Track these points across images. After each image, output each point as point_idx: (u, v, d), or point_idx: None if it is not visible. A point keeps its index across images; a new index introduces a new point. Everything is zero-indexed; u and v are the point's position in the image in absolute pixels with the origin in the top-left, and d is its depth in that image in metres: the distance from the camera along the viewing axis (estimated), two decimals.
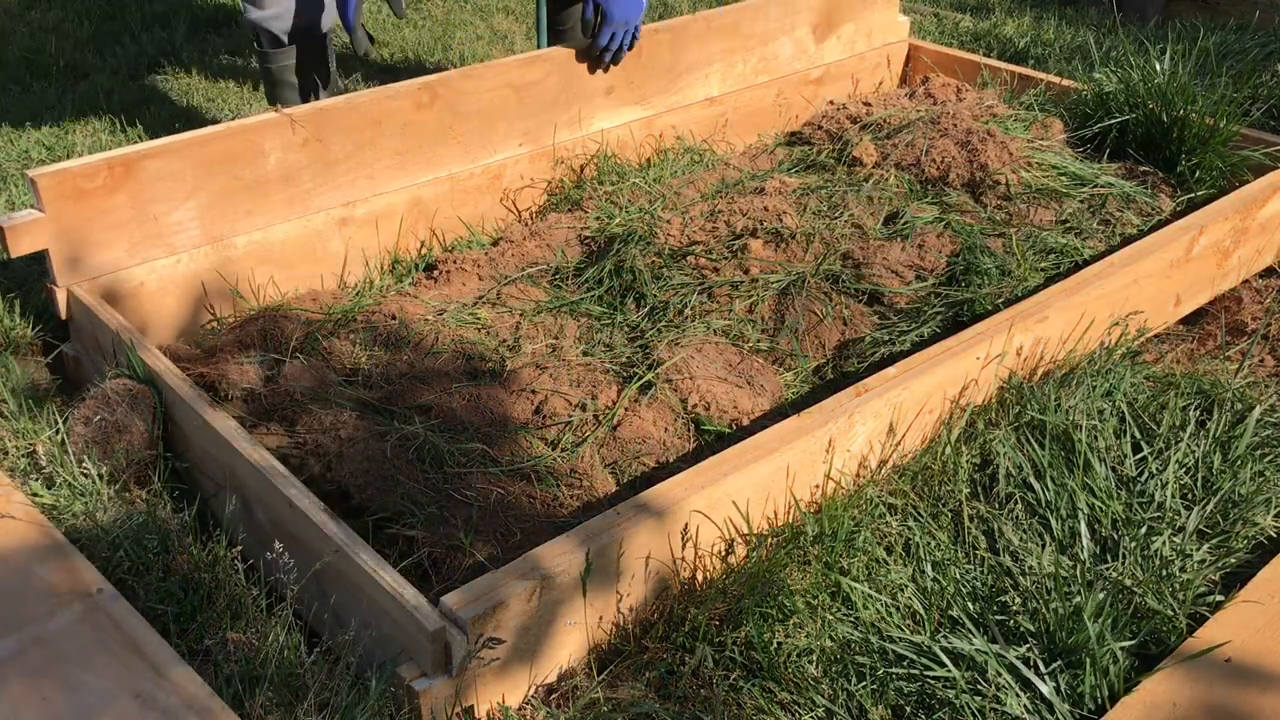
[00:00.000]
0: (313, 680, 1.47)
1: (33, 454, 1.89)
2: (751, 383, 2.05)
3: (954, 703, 1.49)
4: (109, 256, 2.06)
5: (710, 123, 2.90)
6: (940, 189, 2.59)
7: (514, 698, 1.50)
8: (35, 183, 1.94)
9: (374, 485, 1.75)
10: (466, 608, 1.40)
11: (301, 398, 1.91)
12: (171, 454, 1.86)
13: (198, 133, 2.12)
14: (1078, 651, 1.53)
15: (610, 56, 2.62)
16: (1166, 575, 1.69)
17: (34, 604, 1.52)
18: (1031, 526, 1.79)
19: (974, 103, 2.91)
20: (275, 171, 2.21)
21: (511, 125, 2.53)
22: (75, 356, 2.12)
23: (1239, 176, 2.64)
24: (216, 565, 1.62)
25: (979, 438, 1.93)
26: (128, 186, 2.04)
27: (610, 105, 2.69)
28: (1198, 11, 4.18)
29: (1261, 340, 2.38)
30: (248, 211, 2.20)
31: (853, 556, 1.70)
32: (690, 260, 2.29)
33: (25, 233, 1.96)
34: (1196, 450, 1.93)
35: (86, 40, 3.75)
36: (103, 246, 2.05)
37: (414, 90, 2.35)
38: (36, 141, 3.03)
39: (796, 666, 1.55)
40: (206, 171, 2.12)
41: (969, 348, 1.92)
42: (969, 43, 3.93)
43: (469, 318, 2.19)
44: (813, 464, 1.74)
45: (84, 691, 1.40)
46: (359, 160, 2.32)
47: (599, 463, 1.87)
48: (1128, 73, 2.83)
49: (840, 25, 3.10)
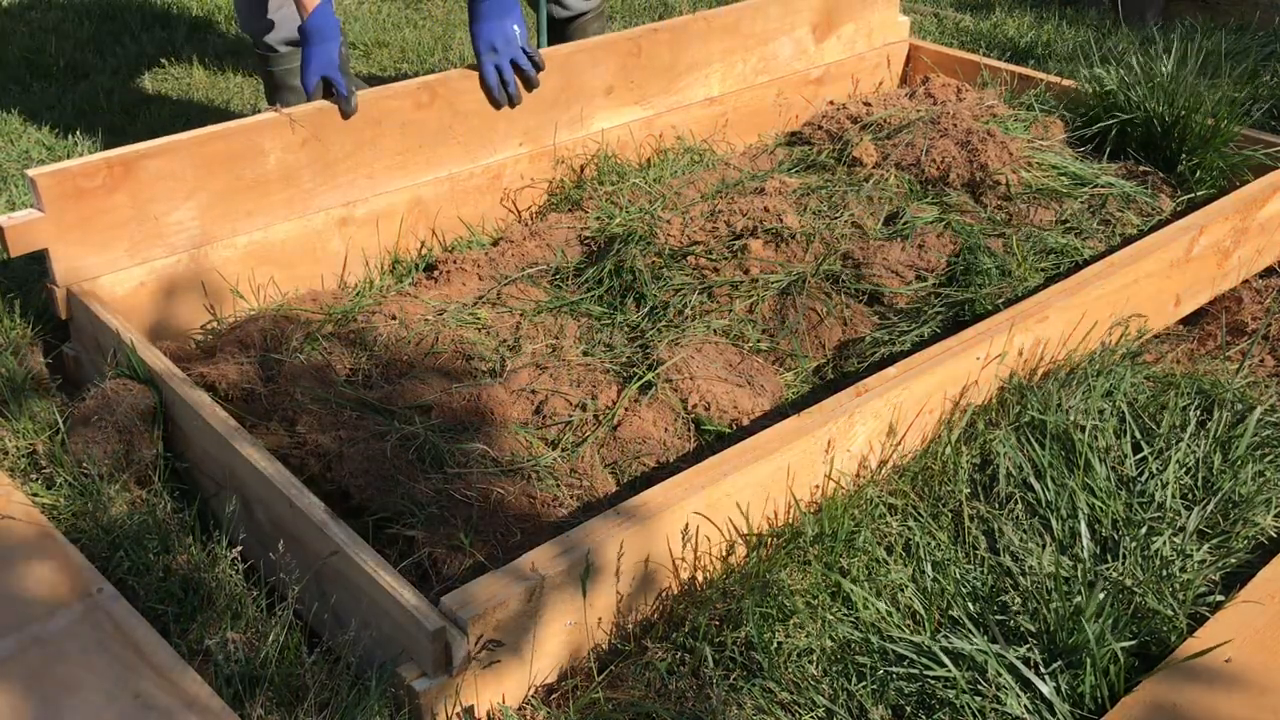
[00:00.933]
0: (313, 680, 1.47)
1: (33, 454, 1.89)
2: (751, 383, 2.05)
3: (954, 703, 1.49)
4: (109, 256, 2.06)
5: (710, 123, 2.90)
6: (940, 189, 2.59)
7: (514, 698, 1.50)
8: (35, 182, 1.94)
9: (374, 485, 1.75)
10: (466, 608, 1.39)
11: (301, 398, 1.91)
12: (171, 454, 1.86)
13: (197, 132, 2.12)
14: (1078, 651, 1.53)
15: (504, 90, 2.44)
16: (1166, 575, 1.69)
17: (34, 604, 1.52)
18: (1031, 526, 1.79)
19: (974, 103, 2.91)
20: (275, 171, 2.21)
21: (512, 125, 2.53)
22: (75, 356, 2.12)
23: (1239, 176, 2.63)
24: (216, 565, 1.62)
25: (979, 438, 1.93)
26: (127, 186, 2.04)
27: (611, 105, 2.69)
28: (1198, 11, 4.17)
29: (1261, 340, 2.37)
30: (248, 212, 2.20)
31: (853, 557, 1.70)
32: (690, 260, 2.29)
33: (25, 232, 1.96)
34: (1197, 450, 1.93)
35: (86, 40, 3.75)
36: (102, 246, 2.05)
37: (414, 90, 2.35)
38: (36, 141, 3.03)
39: (796, 666, 1.55)
40: (207, 171, 2.12)
41: (969, 348, 1.92)
42: (969, 43, 3.93)
43: (469, 318, 2.19)
44: (813, 464, 1.74)
45: (84, 691, 1.41)
46: (359, 160, 2.32)
47: (599, 463, 1.87)
48: (1128, 73, 2.83)
49: (840, 25, 3.10)
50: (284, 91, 2.87)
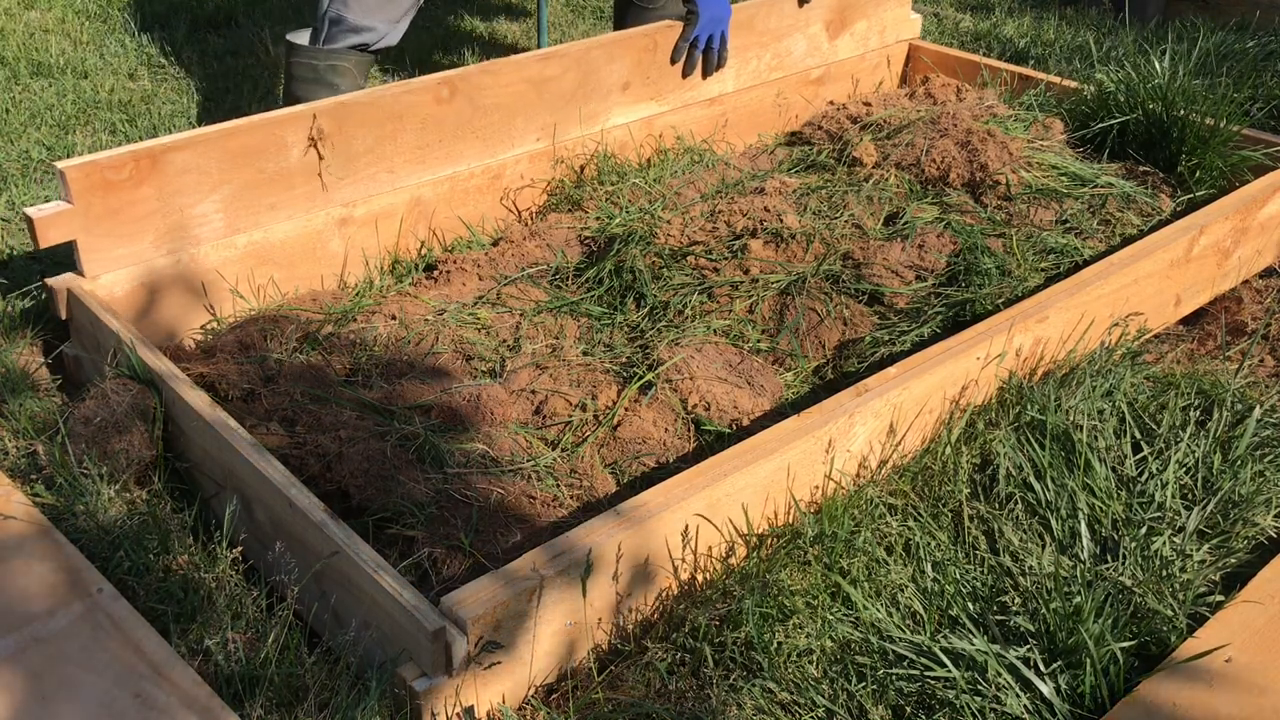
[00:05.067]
0: (313, 680, 1.47)
1: (33, 454, 1.89)
2: (751, 383, 2.05)
3: (954, 703, 1.49)
4: (135, 248, 2.08)
5: (710, 123, 2.90)
6: (940, 189, 2.59)
7: (514, 698, 1.50)
8: (64, 175, 1.96)
9: (374, 485, 1.75)
10: (466, 608, 1.40)
11: (301, 398, 1.91)
12: (171, 454, 1.86)
13: (222, 126, 2.14)
14: (1078, 652, 1.53)
15: (706, 58, 2.77)
16: (1166, 575, 1.69)
17: (34, 604, 1.52)
18: (1031, 526, 1.79)
19: (974, 103, 2.91)
20: (298, 165, 2.22)
21: (530, 121, 2.54)
22: (75, 356, 2.12)
23: (1239, 176, 2.63)
24: (216, 565, 1.62)
25: (979, 438, 1.93)
26: (154, 179, 2.05)
27: (627, 101, 2.70)
28: (1198, 11, 4.17)
29: (1261, 340, 2.38)
30: (270, 205, 2.21)
31: (853, 557, 1.70)
32: (690, 260, 2.29)
33: (54, 224, 1.98)
34: (1196, 450, 1.93)
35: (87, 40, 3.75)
36: (129, 238, 2.06)
37: (434, 85, 2.36)
38: (36, 141, 3.03)
39: (796, 666, 1.55)
40: (231, 165, 2.14)
41: (969, 348, 1.92)
42: (969, 43, 3.93)
43: (469, 318, 2.19)
44: (813, 464, 1.74)
45: (84, 691, 1.41)
46: (380, 155, 2.33)
47: (599, 463, 1.87)
48: (1128, 73, 2.83)
49: (854, 22, 3.10)
50: (319, 88, 2.83)
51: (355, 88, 2.83)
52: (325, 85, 2.82)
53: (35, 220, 1.96)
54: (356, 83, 2.82)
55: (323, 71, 2.81)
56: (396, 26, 2.80)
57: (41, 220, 1.96)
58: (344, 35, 2.78)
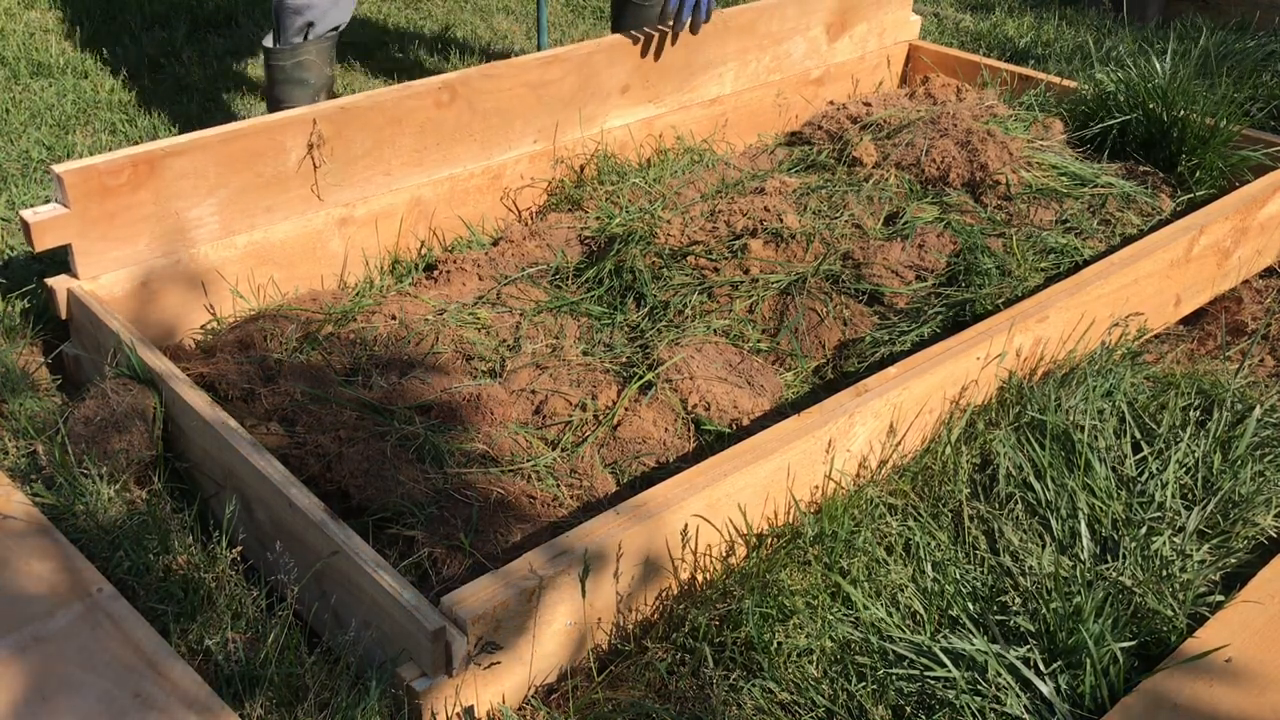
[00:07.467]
0: (313, 680, 1.47)
1: (33, 454, 1.89)
2: (751, 383, 2.05)
3: (954, 703, 1.49)
4: (129, 251, 2.07)
5: (710, 123, 2.90)
6: (940, 189, 2.59)
7: (514, 698, 1.50)
8: (61, 179, 1.95)
9: (374, 485, 1.75)
10: (466, 607, 1.40)
11: (301, 397, 1.91)
12: (171, 454, 1.86)
13: (221, 129, 2.13)
14: (1078, 652, 1.53)
15: (682, 23, 2.68)
16: (1166, 575, 1.69)
17: (34, 604, 1.52)
18: (1031, 526, 1.79)
19: (974, 103, 2.91)
20: (295, 168, 2.21)
21: (528, 124, 2.54)
22: (75, 356, 2.12)
23: (1239, 176, 2.63)
24: (216, 565, 1.62)
25: (979, 438, 1.93)
26: (151, 184, 2.05)
27: (626, 104, 2.69)
28: (1198, 11, 4.17)
29: (1261, 340, 2.38)
30: (266, 208, 2.21)
31: (853, 557, 1.70)
32: (690, 260, 2.29)
33: (50, 228, 1.97)
34: (1196, 450, 1.93)
35: (86, 40, 3.75)
36: (124, 241, 2.06)
37: (434, 89, 2.36)
38: (36, 141, 3.03)
39: (796, 666, 1.55)
40: (229, 168, 2.13)
41: (969, 348, 1.92)
42: (969, 43, 3.93)
43: (469, 318, 2.19)
44: (813, 464, 1.74)
45: (84, 690, 1.41)
46: (378, 158, 2.33)
47: (599, 463, 1.87)
48: (1128, 73, 2.83)
49: (854, 25, 3.10)
50: (292, 87, 2.85)
51: (325, 77, 2.86)
52: (296, 83, 2.84)
53: (31, 224, 1.95)
54: (324, 72, 2.84)
55: (290, 70, 2.83)
56: (338, 4, 2.80)
57: (38, 225, 1.96)
58: (291, 20, 2.80)
